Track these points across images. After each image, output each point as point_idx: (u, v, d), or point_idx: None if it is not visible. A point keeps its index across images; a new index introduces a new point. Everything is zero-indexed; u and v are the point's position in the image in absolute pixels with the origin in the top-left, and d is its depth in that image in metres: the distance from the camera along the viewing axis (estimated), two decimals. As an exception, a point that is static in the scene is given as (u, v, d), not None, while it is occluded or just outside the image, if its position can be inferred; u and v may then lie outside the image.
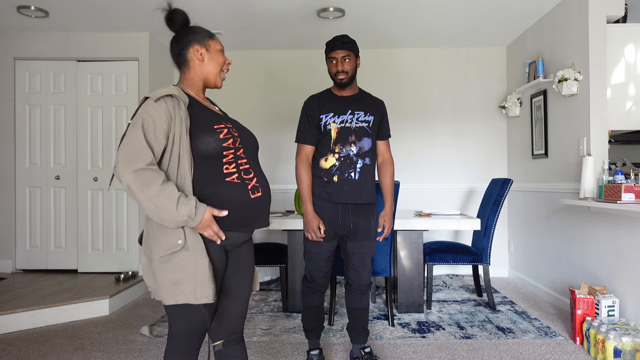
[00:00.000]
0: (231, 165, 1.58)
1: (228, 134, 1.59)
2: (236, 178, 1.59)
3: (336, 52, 2.46)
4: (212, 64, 1.68)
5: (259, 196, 1.64)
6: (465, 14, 4.22)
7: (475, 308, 3.84)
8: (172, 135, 1.52)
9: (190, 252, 1.51)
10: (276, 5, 4.01)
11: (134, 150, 1.45)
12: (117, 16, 4.27)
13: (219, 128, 1.58)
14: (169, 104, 1.52)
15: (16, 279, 4.42)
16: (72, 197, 4.78)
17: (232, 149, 1.59)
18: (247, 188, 1.60)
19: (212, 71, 1.69)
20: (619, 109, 3.46)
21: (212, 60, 1.68)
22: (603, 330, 2.69)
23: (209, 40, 1.69)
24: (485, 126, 5.20)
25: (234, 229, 1.61)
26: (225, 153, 1.57)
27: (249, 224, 1.65)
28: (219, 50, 1.70)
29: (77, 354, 2.90)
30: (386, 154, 2.66)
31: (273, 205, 5.14)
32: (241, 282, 1.73)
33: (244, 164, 1.62)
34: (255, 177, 1.64)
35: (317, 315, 2.66)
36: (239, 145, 1.61)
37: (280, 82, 5.30)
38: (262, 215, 1.68)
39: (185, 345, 1.61)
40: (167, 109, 1.51)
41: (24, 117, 4.79)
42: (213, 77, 1.69)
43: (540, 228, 4.27)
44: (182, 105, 1.54)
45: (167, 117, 1.51)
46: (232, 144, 1.58)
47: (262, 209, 1.66)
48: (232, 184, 1.58)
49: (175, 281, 1.51)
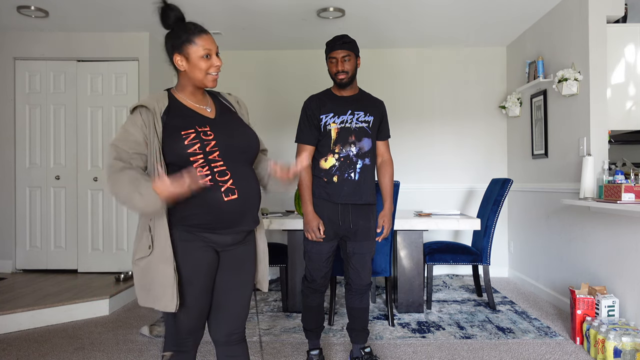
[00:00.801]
0: (204, 168, 1.57)
1: (195, 139, 1.57)
2: (209, 180, 1.58)
3: (336, 52, 2.46)
4: (194, 71, 1.64)
5: (234, 199, 1.60)
6: (465, 14, 4.22)
7: (475, 308, 3.84)
8: (149, 143, 1.57)
9: (155, 259, 1.56)
10: (276, 5, 4.01)
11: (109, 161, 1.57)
12: (117, 16, 4.27)
13: (187, 133, 1.57)
14: (143, 115, 1.58)
15: (16, 279, 4.42)
16: (72, 197, 4.78)
17: (201, 153, 1.57)
18: (220, 190, 1.59)
19: (196, 77, 1.65)
20: (619, 109, 3.46)
21: (193, 68, 1.64)
22: (603, 330, 2.69)
23: (189, 48, 1.62)
24: (485, 126, 5.20)
25: (212, 231, 1.62)
26: (192, 159, 1.56)
27: (228, 226, 1.63)
28: (201, 56, 1.62)
29: (77, 354, 2.90)
30: (386, 154, 2.66)
31: (273, 205, 5.14)
32: (238, 283, 1.72)
33: (219, 166, 1.60)
34: (231, 179, 1.61)
35: (317, 315, 2.66)
36: (213, 148, 1.59)
37: (280, 82, 5.30)
38: (241, 218, 1.65)
39: (177, 344, 1.65)
40: (142, 119, 1.57)
41: (24, 117, 4.79)
42: (200, 82, 1.67)
43: (540, 228, 4.27)
44: (154, 114, 1.58)
45: (141, 127, 1.57)
46: (199, 149, 1.57)
47: (239, 211, 1.63)
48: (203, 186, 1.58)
49: (144, 285, 1.58)
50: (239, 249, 1.72)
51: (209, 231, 1.62)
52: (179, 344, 1.66)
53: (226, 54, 5.26)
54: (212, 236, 1.63)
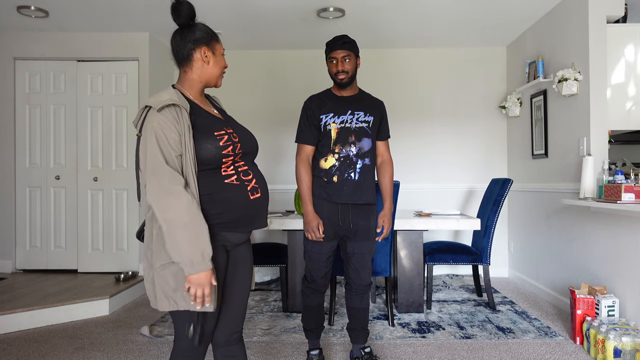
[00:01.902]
0: (230, 168, 1.59)
1: (228, 141, 1.58)
2: (235, 180, 1.60)
3: (336, 52, 2.46)
4: (216, 67, 1.67)
5: (258, 197, 1.65)
6: (465, 14, 4.22)
7: (475, 308, 3.84)
8: (183, 143, 1.51)
9: None
10: (276, 5, 4.01)
11: (161, 171, 1.45)
12: (117, 16, 4.27)
13: (220, 135, 1.57)
14: (173, 113, 1.50)
15: (16, 279, 4.42)
16: (72, 197, 4.78)
17: (232, 156, 1.59)
18: (247, 189, 1.62)
19: (214, 74, 1.67)
20: (619, 109, 3.46)
21: (217, 64, 1.67)
22: (603, 330, 2.69)
23: (215, 43, 1.67)
24: (485, 126, 5.20)
25: (234, 230, 1.62)
26: (224, 160, 1.57)
27: (249, 225, 1.66)
28: (222, 54, 1.70)
29: (77, 354, 2.90)
30: (385, 154, 2.67)
31: (273, 205, 5.14)
32: (239, 281, 1.73)
33: (242, 166, 1.64)
34: (254, 178, 1.66)
35: (317, 315, 2.66)
36: (239, 150, 1.61)
37: (280, 82, 5.30)
38: (260, 216, 1.69)
39: (190, 349, 1.61)
40: (174, 117, 1.50)
41: (24, 117, 4.79)
42: (214, 80, 1.68)
43: (540, 228, 4.27)
44: (184, 112, 1.53)
45: (175, 127, 1.49)
46: (231, 151, 1.58)
47: (260, 209, 1.68)
48: (231, 185, 1.59)
49: (176, 287, 1.50)
50: (241, 247, 1.72)
51: (230, 230, 1.60)
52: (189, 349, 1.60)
53: (226, 54, 5.26)
54: (230, 235, 1.61)
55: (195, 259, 1.44)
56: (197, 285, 1.46)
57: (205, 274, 1.46)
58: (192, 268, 1.44)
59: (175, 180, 1.46)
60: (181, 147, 1.50)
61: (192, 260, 1.43)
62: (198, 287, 1.46)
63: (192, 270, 1.44)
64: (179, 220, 1.43)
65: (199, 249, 1.45)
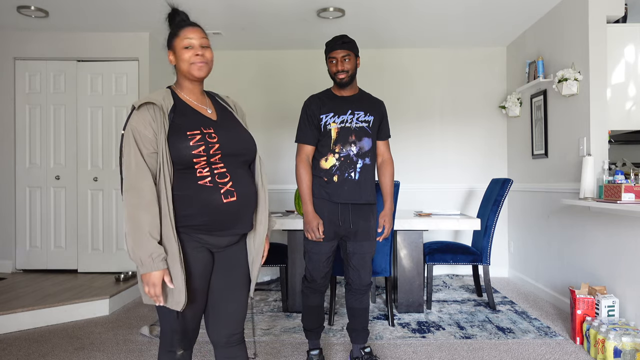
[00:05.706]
0: (205, 169, 1.58)
1: (200, 141, 1.57)
2: (209, 182, 1.58)
3: (336, 52, 2.46)
4: (180, 63, 1.66)
5: (233, 201, 1.61)
6: (465, 14, 4.22)
7: (475, 308, 3.84)
8: (158, 141, 1.55)
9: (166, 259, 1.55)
10: (276, 5, 4.01)
11: (129, 167, 1.52)
12: (117, 16, 4.27)
13: (192, 134, 1.57)
14: (150, 111, 1.56)
15: (16, 279, 4.42)
16: (72, 197, 4.78)
17: (204, 156, 1.57)
18: (220, 192, 1.59)
19: (182, 68, 1.66)
20: (619, 109, 3.46)
21: (179, 60, 1.66)
22: (603, 330, 2.69)
23: (174, 41, 1.67)
24: (485, 126, 5.20)
25: (208, 232, 1.61)
26: (195, 160, 1.56)
27: (225, 228, 1.63)
28: (183, 47, 1.63)
29: (77, 354, 2.90)
30: (386, 154, 2.67)
31: (273, 205, 5.14)
32: (233, 284, 1.71)
33: (220, 168, 1.61)
34: (230, 181, 1.62)
35: (317, 315, 2.66)
36: (216, 152, 1.59)
37: (280, 82, 5.30)
38: (238, 220, 1.65)
39: (173, 344, 1.66)
40: (150, 115, 1.55)
41: (24, 117, 4.79)
42: (186, 73, 1.66)
43: (540, 228, 4.27)
44: (162, 111, 1.57)
45: (151, 125, 1.54)
46: (203, 151, 1.57)
47: (237, 213, 1.63)
48: (203, 187, 1.58)
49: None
50: (233, 249, 1.71)
51: (205, 233, 1.61)
52: (172, 344, 1.66)
53: (226, 54, 5.27)
54: (207, 238, 1.62)
55: (144, 260, 1.48)
56: (148, 284, 1.51)
57: (155, 274, 1.50)
58: (142, 267, 1.49)
59: (140, 177, 1.51)
60: (157, 145, 1.54)
61: (141, 260, 1.49)
62: (150, 286, 1.51)
63: (142, 270, 1.50)
64: (132, 219, 1.50)
65: (147, 250, 1.48)
